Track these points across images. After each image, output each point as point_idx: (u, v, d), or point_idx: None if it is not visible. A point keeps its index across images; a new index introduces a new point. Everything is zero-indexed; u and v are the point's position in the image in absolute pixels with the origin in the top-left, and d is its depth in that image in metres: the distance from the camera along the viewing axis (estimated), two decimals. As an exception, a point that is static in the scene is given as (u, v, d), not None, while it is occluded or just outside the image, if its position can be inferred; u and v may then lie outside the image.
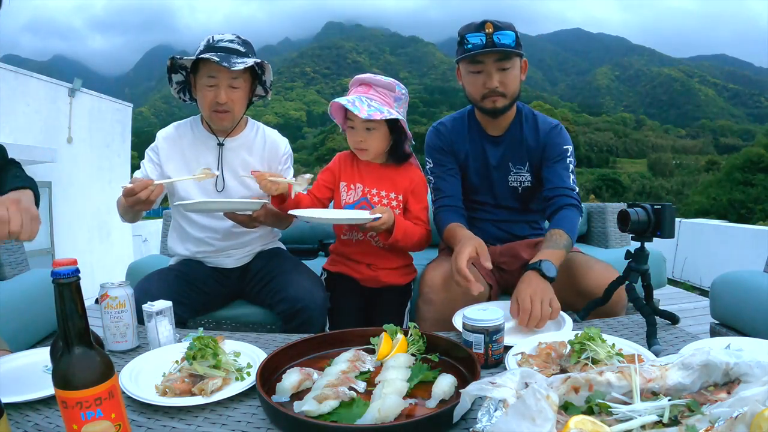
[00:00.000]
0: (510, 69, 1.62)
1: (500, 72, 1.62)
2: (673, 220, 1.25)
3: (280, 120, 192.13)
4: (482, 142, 1.79)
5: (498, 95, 1.64)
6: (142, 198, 1.46)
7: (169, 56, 1.66)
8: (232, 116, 1.69)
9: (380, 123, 1.64)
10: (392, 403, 0.86)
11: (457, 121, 1.84)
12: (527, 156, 1.77)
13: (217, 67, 1.59)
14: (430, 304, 1.52)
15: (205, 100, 1.65)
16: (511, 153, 1.78)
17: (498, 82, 1.62)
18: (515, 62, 1.63)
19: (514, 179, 1.80)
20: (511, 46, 1.58)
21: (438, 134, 1.84)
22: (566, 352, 1.06)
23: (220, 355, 1.05)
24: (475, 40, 1.58)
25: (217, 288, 1.81)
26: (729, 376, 0.74)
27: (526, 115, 1.79)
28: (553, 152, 1.73)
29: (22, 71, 6.06)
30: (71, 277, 0.70)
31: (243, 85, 1.67)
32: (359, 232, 1.74)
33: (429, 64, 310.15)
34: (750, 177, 27.26)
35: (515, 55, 1.60)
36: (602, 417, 0.70)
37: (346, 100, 1.60)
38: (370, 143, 1.66)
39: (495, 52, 1.58)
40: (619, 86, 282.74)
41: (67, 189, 6.63)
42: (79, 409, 0.70)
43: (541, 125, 1.77)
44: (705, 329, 1.88)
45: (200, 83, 1.65)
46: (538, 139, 1.76)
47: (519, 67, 1.66)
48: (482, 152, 1.80)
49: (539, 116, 1.81)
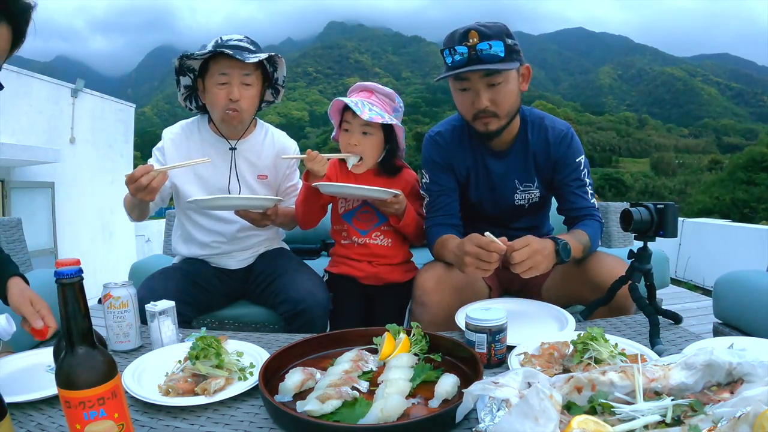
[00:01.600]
0: (502, 84, 1.42)
1: (489, 89, 1.42)
2: (676, 220, 1.24)
3: (283, 120, 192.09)
4: (484, 157, 1.63)
5: (489, 116, 1.45)
6: (144, 183, 1.41)
7: (175, 56, 1.65)
8: (242, 117, 1.66)
9: (377, 129, 1.64)
10: (395, 403, 0.86)
11: (456, 131, 1.65)
12: (536, 171, 1.63)
13: (229, 63, 1.57)
14: (423, 307, 1.48)
15: (217, 100, 1.62)
16: (517, 169, 1.63)
17: (488, 101, 1.42)
18: (508, 75, 1.43)
19: (521, 197, 1.66)
20: (500, 57, 1.37)
21: (436, 146, 1.65)
22: (569, 352, 1.06)
23: (223, 355, 1.05)
24: (456, 54, 1.38)
25: (220, 287, 1.81)
26: (732, 375, 0.74)
27: (532, 123, 1.61)
28: (568, 169, 1.60)
29: (24, 72, 6.08)
30: (74, 277, 0.70)
31: (255, 83, 1.65)
32: (360, 237, 1.75)
33: (431, 64, 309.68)
34: (753, 176, 27.15)
35: (502, 68, 1.39)
36: (605, 417, 0.70)
37: (349, 100, 1.60)
38: (365, 147, 1.65)
39: (477, 69, 1.38)
40: (621, 85, 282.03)
41: (70, 189, 6.66)
42: (82, 409, 0.70)
43: (551, 136, 1.59)
44: (708, 329, 1.88)
45: (211, 83, 1.62)
46: (549, 153, 1.60)
47: (515, 79, 1.46)
48: (484, 167, 1.63)
49: (548, 123, 1.61)
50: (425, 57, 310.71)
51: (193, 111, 1.80)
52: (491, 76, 1.40)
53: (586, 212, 1.62)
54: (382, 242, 1.74)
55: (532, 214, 1.75)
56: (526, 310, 1.45)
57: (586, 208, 1.62)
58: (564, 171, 1.61)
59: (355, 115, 1.59)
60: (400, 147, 1.71)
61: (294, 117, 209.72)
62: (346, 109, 1.64)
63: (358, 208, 1.74)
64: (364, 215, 1.74)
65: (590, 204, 1.63)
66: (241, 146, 1.77)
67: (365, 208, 1.73)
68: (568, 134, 1.61)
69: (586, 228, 1.56)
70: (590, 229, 1.56)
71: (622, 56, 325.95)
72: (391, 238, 1.76)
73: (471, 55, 1.37)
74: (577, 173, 1.61)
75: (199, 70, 1.68)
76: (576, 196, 1.62)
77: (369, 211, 1.73)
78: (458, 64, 1.39)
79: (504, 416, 0.65)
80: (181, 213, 1.82)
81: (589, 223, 1.60)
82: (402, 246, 1.80)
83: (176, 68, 1.68)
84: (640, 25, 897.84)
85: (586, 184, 1.63)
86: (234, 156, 1.76)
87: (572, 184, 1.61)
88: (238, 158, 1.77)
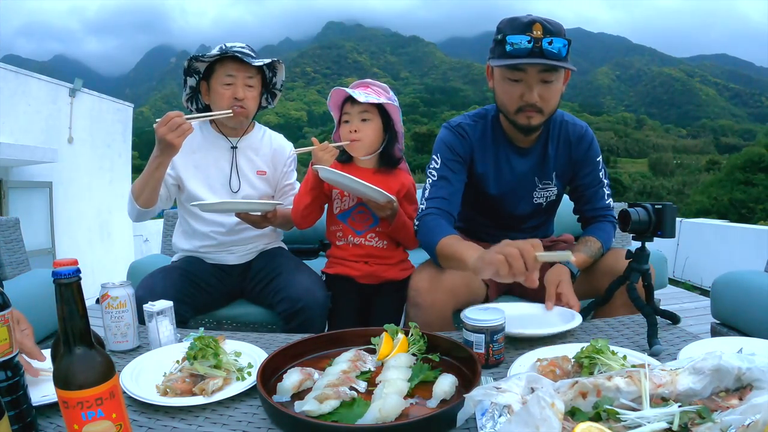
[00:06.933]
0: (554, 82, 1.41)
1: (542, 85, 1.40)
2: (674, 220, 1.24)
3: (281, 120, 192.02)
4: (508, 154, 1.61)
5: (535, 111, 1.44)
6: (177, 122, 1.48)
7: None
8: (247, 113, 1.76)
9: (375, 115, 1.68)
10: (393, 403, 0.86)
11: (478, 126, 1.62)
12: (555, 169, 1.63)
13: (235, 66, 1.70)
14: (416, 308, 1.46)
15: (223, 99, 1.72)
16: (539, 167, 1.63)
17: (538, 96, 1.41)
18: (560, 74, 1.42)
19: (540, 195, 1.66)
20: (561, 56, 1.35)
21: (458, 138, 1.59)
22: (570, 367, 1.00)
23: (221, 355, 1.05)
24: (518, 44, 1.34)
25: (218, 286, 1.82)
26: (741, 381, 0.72)
27: (554, 120, 1.60)
28: (588, 169, 1.63)
29: (22, 71, 6.07)
30: (72, 277, 0.70)
31: (257, 85, 1.78)
32: (355, 236, 1.75)
33: (430, 64, 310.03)
34: (751, 177, 27.19)
35: (564, 66, 1.37)
36: (610, 423, 0.68)
37: (346, 89, 1.66)
38: (364, 133, 1.68)
39: (541, 63, 1.35)
40: (619, 86, 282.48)
41: (68, 189, 6.65)
42: (80, 409, 0.70)
43: (572, 135, 1.61)
44: (706, 329, 1.88)
45: (216, 84, 1.73)
46: (569, 152, 1.62)
47: (562, 79, 1.45)
48: (508, 165, 1.61)
49: (569, 122, 1.62)
50: (423, 57, 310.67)
51: (194, 112, 1.86)
52: (548, 72, 1.39)
53: (600, 213, 1.66)
54: (377, 244, 1.76)
55: (546, 214, 1.77)
56: (536, 312, 1.42)
57: (602, 208, 1.66)
58: (584, 170, 1.64)
59: (353, 104, 1.65)
60: (399, 131, 1.76)
61: (292, 117, 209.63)
62: (345, 102, 1.70)
63: (354, 208, 1.75)
64: (360, 215, 1.75)
65: (606, 204, 1.66)
66: (241, 144, 1.85)
67: (361, 208, 1.74)
68: (588, 133, 1.63)
69: (599, 233, 1.60)
70: (603, 233, 1.60)
71: (620, 57, 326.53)
72: (386, 240, 1.77)
73: (534, 47, 1.34)
74: (596, 173, 1.64)
75: (203, 73, 1.78)
76: (594, 196, 1.66)
77: (364, 211, 1.74)
78: (518, 53, 1.35)
79: (504, 425, 0.64)
80: (182, 208, 1.87)
81: (602, 226, 1.63)
82: (397, 247, 1.81)
83: (185, 69, 1.78)
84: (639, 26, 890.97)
85: (604, 185, 1.66)
86: (235, 154, 1.83)
87: (591, 184, 1.65)
88: (239, 155, 1.84)
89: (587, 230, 1.65)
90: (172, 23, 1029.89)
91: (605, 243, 1.58)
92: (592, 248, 1.55)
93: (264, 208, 1.70)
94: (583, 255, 1.52)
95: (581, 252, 1.53)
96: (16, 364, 0.82)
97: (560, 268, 1.48)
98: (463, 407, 0.76)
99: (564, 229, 1.92)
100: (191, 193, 1.78)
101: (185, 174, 1.79)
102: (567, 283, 1.44)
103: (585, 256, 1.52)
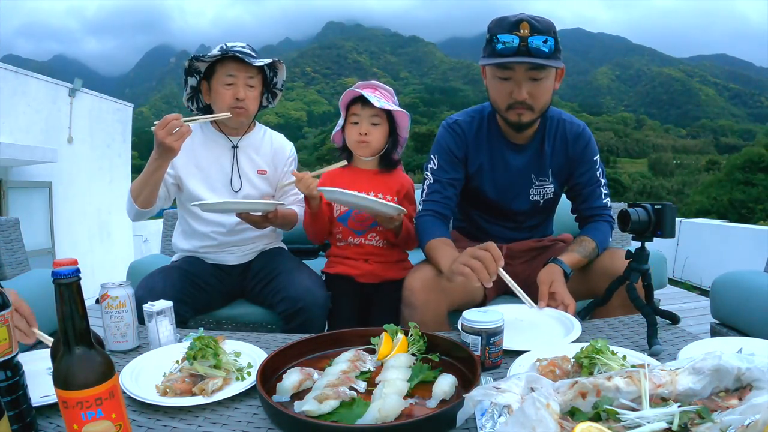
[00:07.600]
0: (543, 80, 1.44)
1: (531, 82, 1.43)
2: (674, 220, 1.24)
3: (281, 120, 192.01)
4: (503, 150, 1.63)
5: (525, 108, 1.47)
6: (176, 125, 1.47)
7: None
8: (248, 113, 1.77)
9: (383, 120, 1.71)
10: (393, 403, 0.86)
11: (474, 122, 1.64)
12: (551, 166, 1.65)
13: (236, 66, 1.70)
14: (410, 308, 1.46)
15: (224, 99, 1.72)
16: (535, 163, 1.64)
17: (527, 93, 1.44)
18: (550, 72, 1.45)
19: (536, 192, 1.67)
20: (547, 54, 1.38)
21: (454, 135, 1.63)
22: (570, 367, 0.99)
23: (221, 355, 1.05)
24: (506, 42, 1.37)
25: (218, 286, 1.82)
26: (741, 381, 0.72)
27: (551, 118, 1.63)
28: (584, 167, 1.63)
29: (22, 71, 6.07)
30: (72, 277, 0.70)
31: (258, 85, 1.78)
32: (355, 237, 1.77)
33: (429, 64, 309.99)
34: (751, 177, 27.23)
35: (550, 65, 1.40)
36: (610, 423, 0.68)
37: (361, 91, 1.66)
38: (373, 136, 1.70)
39: (526, 62, 1.38)
40: (619, 86, 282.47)
41: (68, 189, 6.65)
42: (79, 409, 0.70)
43: (569, 133, 1.62)
44: (705, 329, 1.88)
45: (217, 84, 1.73)
46: (567, 150, 1.63)
47: (553, 76, 1.48)
48: (502, 161, 1.63)
49: (567, 121, 1.64)
50: (423, 57, 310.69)
51: (194, 112, 1.86)
52: (536, 70, 1.41)
53: (597, 212, 1.66)
54: (377, 243, 1.78)
55: (545, 213, 1.77)
56: (532, 316, 1.41)
57: (598, 208, 1.66)
58: (581, 169, 1.65)
59: (364, 106, 1.67)
60: (404, 137, 1.78)
61: (292, 117, 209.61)
62: (352, 103, 1.71)
63: (352, 210, 1.75)
64: (359, 216, 1.76)
65: (603, 204, 1.67)
66: (242, 144, 1.85)
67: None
68: (585, 132, 1.65)
69: (595, 233, 1.60)
70: (599, 233, 1.61)
71: (620, 57, 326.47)
72: (386, 240, 1.78)
73: (521, 46, 1.37)
74: (593, 172, 1.65)
75: (204, 73, 1.77)
76: (591, 195, 1.66)
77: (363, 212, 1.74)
78: (506, 52, 1.38)
79: (500, 427, 0.64)
80: (182, 208, 1.87)
81: (598, 226, 1.64)
82: (396, 246, 1.82)
83: (186, 68, 1.77)
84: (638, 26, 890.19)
85: (601, 184, 1.67)
86: (236, 153, 1.83)
87: (588, 183, 1.65)
88: (240, 155, 1.84)
89: (583, 230, 1.66)
90: (171, 23, 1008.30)
91: (600, 243, 1.59)
92: (586, 248, 1.55)
93: (265, 208, 1.70)
94: (576, 255, 1.53)
95: (575, 252, 1.54)
96: (16, 364, 0.82)
97: (553, 267, 1.48)
98: (463, 407, 0.75)
99: (564, 228, 1.93)
100: (192, 193, 1.78)
101: (186, 174, 1.78)
102: (560, 282, 1.44)
103: (579, 256, 1.53)
